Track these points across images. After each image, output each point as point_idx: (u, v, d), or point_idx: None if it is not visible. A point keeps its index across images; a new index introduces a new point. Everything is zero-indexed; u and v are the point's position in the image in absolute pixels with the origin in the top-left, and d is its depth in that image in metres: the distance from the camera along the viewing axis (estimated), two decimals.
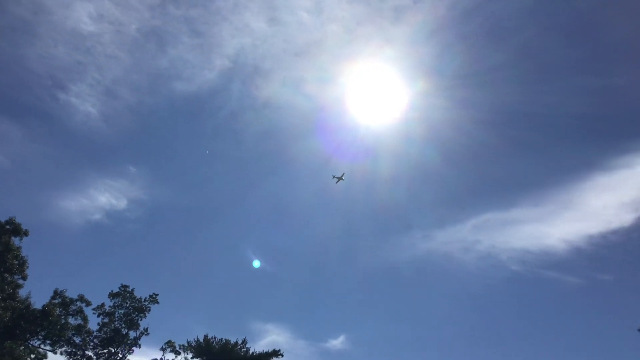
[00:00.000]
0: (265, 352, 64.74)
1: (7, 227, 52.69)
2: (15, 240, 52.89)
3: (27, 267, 53.79)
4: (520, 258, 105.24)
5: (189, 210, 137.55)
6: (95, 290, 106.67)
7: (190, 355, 63.97)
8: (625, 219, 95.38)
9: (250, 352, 64.41)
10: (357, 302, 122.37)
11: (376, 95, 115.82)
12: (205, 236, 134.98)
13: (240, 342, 64.31)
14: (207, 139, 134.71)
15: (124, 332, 59.52)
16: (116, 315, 59.99)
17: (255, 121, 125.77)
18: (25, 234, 53.37)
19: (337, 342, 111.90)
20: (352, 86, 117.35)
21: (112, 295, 60.55)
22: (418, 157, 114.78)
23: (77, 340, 57.58)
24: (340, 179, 77.04)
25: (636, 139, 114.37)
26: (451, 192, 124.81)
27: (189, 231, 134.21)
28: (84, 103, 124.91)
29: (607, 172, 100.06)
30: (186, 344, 64.01)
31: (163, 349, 64.40)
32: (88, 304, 58.84)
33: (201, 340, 63.92)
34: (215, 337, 64.30)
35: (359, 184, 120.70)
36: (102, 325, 59.25)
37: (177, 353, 64.22)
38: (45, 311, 54.35)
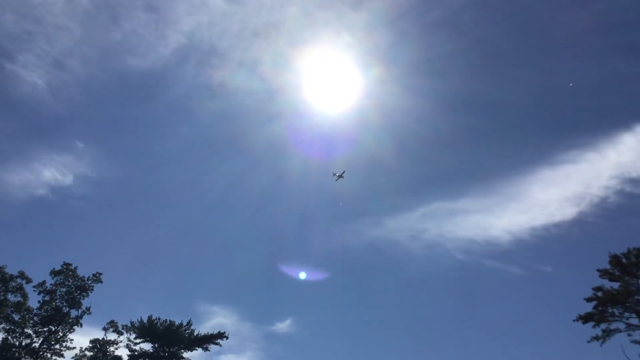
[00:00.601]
0: (210, 334, 64.93)
1: None
2: None
3: None
4: (466, 247, 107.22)
5: (138, 189, 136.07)
6: (37, 267, 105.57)
7: (133, 336, 63.81)
8: (567, 213, 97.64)
9: (195, 333, 64.52)
10: (306, 287, 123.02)
11: (332, 81, 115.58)
12: (154, 216, 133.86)
13: (185, 323, 64.36)
14: (159, 117, 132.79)
15: (65, 311, 58.89)
16: (57, 294, 59.19)
17: (210, 102, 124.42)
18: None
19: (283, 326, 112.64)
20: (308, 71, 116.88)
21: (54, 273, 59.74)
22: (373, 144, 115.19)
23: (16, 317, 56.81)
24: (340, 176, 77.04)
25: (581, 136, 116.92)
26: (404, 180, 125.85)
27: (137, 210, 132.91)
28: (31, 74, 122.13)
29: (552, 166, 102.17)
30: (129, 325, 63.79)
31: (105, 329, 64.17)
32: (28, 281, 58.12)
33: (145, 321, 63.76)
34: (159, 319, 64.24)
35: (315, 170, 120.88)
36: (43, 303, 58.46)
37: (120, 333, 64.02)
38: None
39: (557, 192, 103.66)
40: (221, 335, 64.81)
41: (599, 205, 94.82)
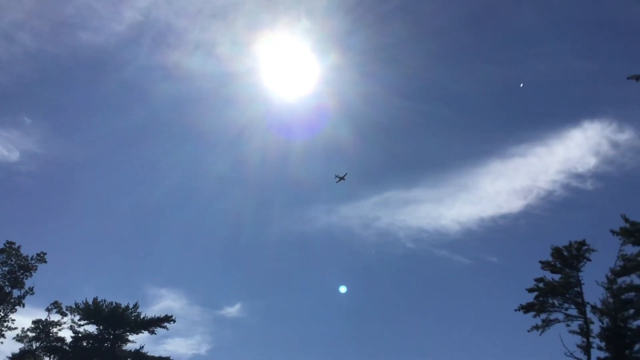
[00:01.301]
0: (157, 317, 64.28)
1: None
2: None
3: None
4: (416, 236, 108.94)
5: (88, 168, 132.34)
6: None
7: (77, 318, 62.69)
8: (514, 205, 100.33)
9: (142, 316, 63.77)
10: (256, 272, 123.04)
11: (290, 66, 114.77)
12: (104, 198, 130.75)
13: (131, 306, 63.50)
14: (111, 95, 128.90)
15: (7, 290, 57.35)
16: None
17: (165, 83, 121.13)
18: None
19: (232, 310, 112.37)
20: (266, 56, 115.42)
21: None
22: (330, 130, 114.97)
23: None
24: (342, 178, 77.25)
25: (531, 130, 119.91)
26: (359, 167, 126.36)
27: (86, 190, 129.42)
28: None
29: (502, 159, 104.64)
30: (74, 306, 62.62)
31: (49, 310, 62.96)
32: None
33: (90, 302, 62.67)
34: (105, 301, 63.21)
35: (273, 156, 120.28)
36: None
37: (64, 315, 62.88)
38: None
39: (506, 185, 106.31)
40: (168, 319, 64.22)
41: (546, 198, 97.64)
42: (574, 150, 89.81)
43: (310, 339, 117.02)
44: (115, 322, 62.23)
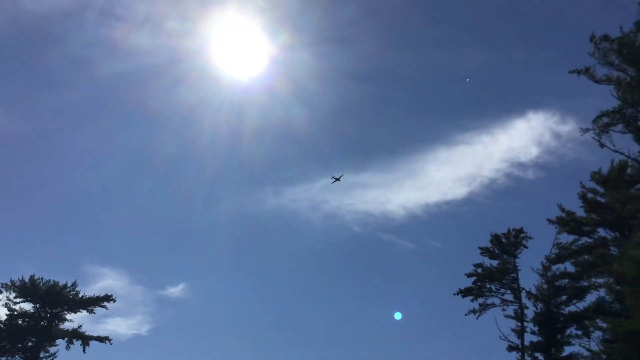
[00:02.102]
0: (96, 296, 62.79)
1: None
2: None
3: None
4: (363, 220, 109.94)
5: (29, 143, 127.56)
6: None
7: (13, 295, 60.71)
8: (458, 192, 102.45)
9: (80, 295, 62.26)
10: (202, 253, 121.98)
11: (240, 46, 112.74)
12: (47, 175, 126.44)
13: (70, 284, 61.91)
14: (55, 68, 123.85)
15: None
16: None
17: (111, 58, 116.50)
18: None
19: (176, 290, 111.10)
20: (216, 34, 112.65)
21: None
22: (281, 112, 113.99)
23: None
24: (337, 179, 77.37)
25: (477, 119, 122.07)
26: (309, 149, 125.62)
27: (27, 166, 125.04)
28: None
29: (449, 147, 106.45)
30: (9, 283, 60.59)
31: None
32: None
33: (27, 280, 60.76)
34: (42, 278, 61.30)
35: (223, 137, 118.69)
36: None
37: None
38: None
39: (451, 172, 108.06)
40: (108, 298, 62.88)
41: (488, 186, 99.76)
42: (518, 139, 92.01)
43: (253, 320, 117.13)
44: (52, 300, 60.59)
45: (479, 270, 49.57)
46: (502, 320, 47.42)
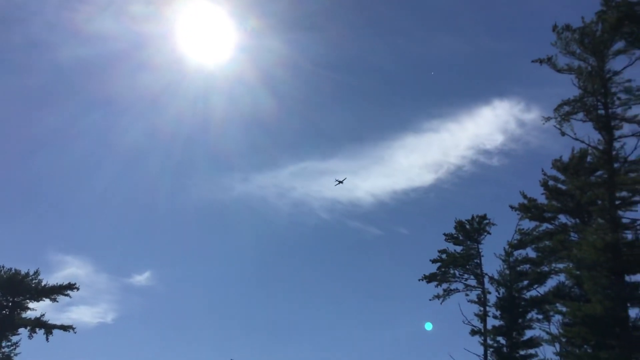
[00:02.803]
0: (59, 284, 61.80)
1: None
2: None
3: None
4: (330, 207, 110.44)
5: None
6: None
7: None
8: (425, 179, 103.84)
9: (43, 284, 61.18)
10: (168, 240, 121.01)
11: (206, 31, 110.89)
12: (6, 161, 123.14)
13: (32, 273, 60.78)
14: (14, 50, 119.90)
15: None
16: None
17: (73, 41, 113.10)
18: None
19: (141, 278, 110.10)
20: (182, 20, 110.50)
21: None
22: (249, 99, 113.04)
23: None
24: (340, 182, 77.32)
25: (444, 106, 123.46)
26: (277, 136, 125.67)
27: None
28: None
29: (416, 134, 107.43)
30: None
31: None
32: None
33: None
34: (3, 267, 59.93)
35: (190, 124, 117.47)
36: None
37: None
38: None
39: (418, 159, 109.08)
40: (71, 286, 61.91)
41: (455, 173, 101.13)
42: (484, 127, 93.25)
43: (220, 308, 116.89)
44: (14, 289, 59.40)
45: (443, 256, 50.33)
46: (466, 305, 48.31)
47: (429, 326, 39.77)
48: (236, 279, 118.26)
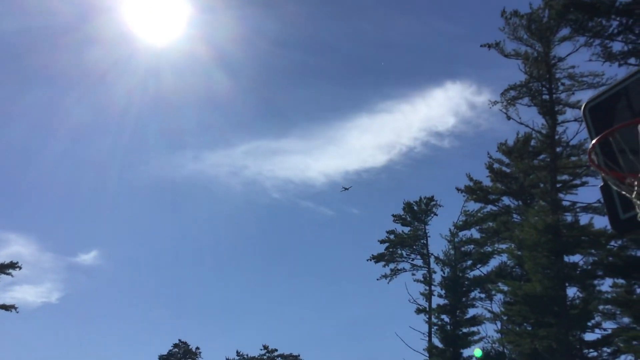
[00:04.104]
0: (1, 263, 59.88)
1: None
2: None
3: None
4: (282, 187, 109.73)
5: None
6: None
7: None
8: (378, 160, 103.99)
9: None
10: (116, 219, 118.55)
11: (156, 6, 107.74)
12: None
13: None
14: None
15: None
16: None
17: (12, 13, 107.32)
18: None
19: (88, 257, 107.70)
20: None
21: None
22: (201, 76, 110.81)
23: None
24: (346, 189, 76.64)
25: (398, 87, 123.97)
26: (230, 114, 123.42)
27: None
28: None
29: (370, 114, 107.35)
30: None
31: None
32: None
33: None
34: None
35: (139, 101, 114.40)
36: None
37: None
38: None
39: (371, 139, 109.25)
40: (13, 265, 59.85)
41: (406, 154, 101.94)
42: (436, 109, 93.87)
43: (169, 288, 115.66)
44: None
45: (392, 236, 51.14)
46: (412, 284, 49.35)
47: (478, 353, 39.98)
48: (186, 258, 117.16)
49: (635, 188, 6.65)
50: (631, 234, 23.13)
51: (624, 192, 6.90)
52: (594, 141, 7.25)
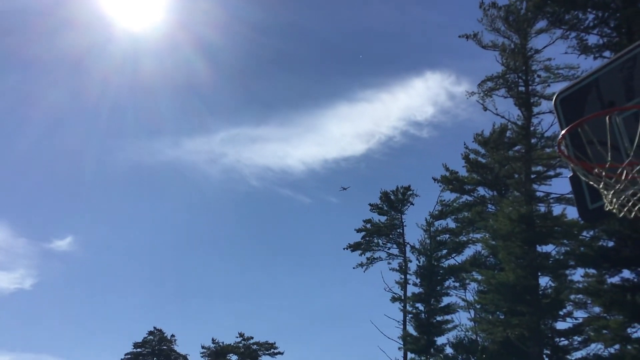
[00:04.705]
0: None
1: None
2: None
3: None
4: (261, 175, 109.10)
5: None
6: None
7: None
8: (357, 149, 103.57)
9: None
10: (91, 204, 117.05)
11: None
12: None
13: None
14: None
15: None
16: None
17: None
18: None
19: (63, 243, 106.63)
20: None
21: None
22: (180, 63, 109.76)
23: None
24: (345, 189, 75.82)
25: (378, 76, 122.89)
26: (209, 101, 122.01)
27: None
28: None
29: (350, 103, 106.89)
30: None
31: None
32: None
33: None
34: None
35: (117, 87, 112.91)
36: None
37: None
38: None
39: (351, 128, 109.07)
40: None
41: (385, 143, 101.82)
42: (415, 98, 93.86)
43: (145, 275, 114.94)
44: None
45: (368, 225, 51.42)
46: (388, 273, 49.71)
47: None
48: (163, 245, 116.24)
49: (603, 179, 6.76)
50: (599, 223, 23.52)
51: (592, 183, 7.01)
52: (563, 132, 7.35)
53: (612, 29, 25.96)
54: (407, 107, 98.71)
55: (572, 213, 30.83)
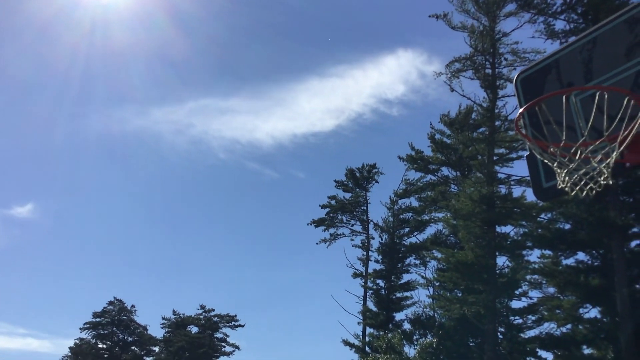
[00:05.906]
0: None
1: None
2: None
3: None
4: (229, 147, 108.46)
5: None
6: None
7: None
8: (326, 124, 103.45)
9: None
10: (53, 172, 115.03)
11: None
12: None
13: None
14: None
15: None
16: None
17: None
18: None
19: (23, 210, 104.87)
20: None
21: None
22: (151, 31, 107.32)
23: None
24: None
25: (351, 52, 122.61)
26: (180, 70, 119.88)
27: None
28: None
29: (321, 78, 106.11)
30: None
31: None
32: None
33: None
34: None
35: (85, 56, 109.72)
36: None
37: None
38: None
39: (321, 103, 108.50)
40: None
41: (355, 120, 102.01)
42: (387, 76, 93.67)
43: (107, 244, 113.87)
44: None
45: (333, 202, 51.68)
46: (350, 249, 50.31)
47: None
48: (124, 215, 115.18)
49: (557, 158, 6.91)
50: (551, 200, 24.04)
51: (546, 161, 7.17)
52: (521, 110, 7.48)
53: (579, 15, 26.35)
54: (378, 84, 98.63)
55: (531, 195, 31.50)
